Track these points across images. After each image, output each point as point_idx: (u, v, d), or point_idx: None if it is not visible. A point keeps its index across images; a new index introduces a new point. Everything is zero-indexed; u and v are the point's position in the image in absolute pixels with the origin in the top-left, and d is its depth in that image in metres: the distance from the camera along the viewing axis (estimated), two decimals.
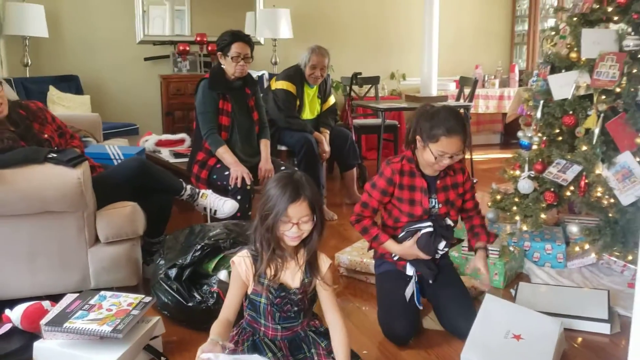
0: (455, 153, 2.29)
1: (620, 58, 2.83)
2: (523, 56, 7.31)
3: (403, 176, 2.40)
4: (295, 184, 1.78)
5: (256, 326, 1.91)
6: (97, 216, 2.60)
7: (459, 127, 2.27)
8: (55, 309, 2.28)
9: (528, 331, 2.20)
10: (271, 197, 1.78)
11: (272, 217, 1.76)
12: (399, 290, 2.40)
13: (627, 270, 2.98)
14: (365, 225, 2.44)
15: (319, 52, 4.16)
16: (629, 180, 2.77)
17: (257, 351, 1.87)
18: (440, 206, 2.43)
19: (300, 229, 1.78)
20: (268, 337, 1.89)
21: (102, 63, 5.75)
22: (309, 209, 1.78)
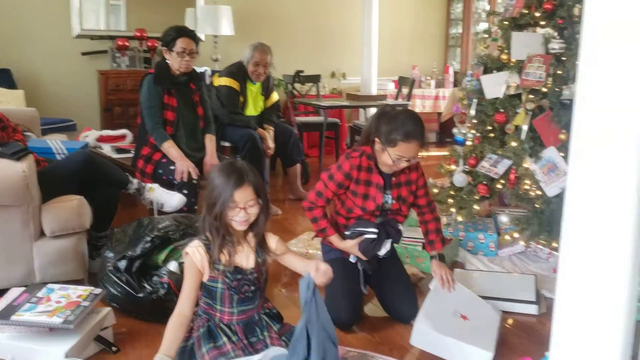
0: (412, 157, 2.39)
1: (547, 60, 3.05)
2: (457, 58, 7.59)
3: (360, 171, 2.46)
4: (238, 170, 1.88)
5: (212, 312, 1.97)
6: (43, 210, 2.59)
7: (418, 132, 2.35)
8: (1, 302, 2.26)
9: (474, 314, 2.36)
10: (217, 186, 1.87)
11: (219, 204, 1.85)
12: (345, 276, 2.50)
13: (552, 257, 3.20)
14: (316, 216, 2.51)
15: (261, 49, 4.23)
16: (553, 173, 2.98)
17: (212, 337, 1.93)
18: (393, 202, 2.52)
19: (247, 213, 1.88)
20: (223, 322, 1.95)
21: (36, 57, 5.60)
22: (253, 193, 1.88)
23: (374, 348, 2.30)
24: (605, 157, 1.31)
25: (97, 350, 2.24)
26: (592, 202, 1.34)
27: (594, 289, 1.37)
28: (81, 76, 5.79)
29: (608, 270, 1.35)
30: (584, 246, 1.37)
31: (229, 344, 1.91)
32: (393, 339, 2.40)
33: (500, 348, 2.31)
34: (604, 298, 1.36)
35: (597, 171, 1.32)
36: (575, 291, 1.40)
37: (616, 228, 1.32)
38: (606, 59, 1.28)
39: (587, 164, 1.34)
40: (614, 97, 1.28)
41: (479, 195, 3.25)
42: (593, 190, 1.34)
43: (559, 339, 1.46)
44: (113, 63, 5.73)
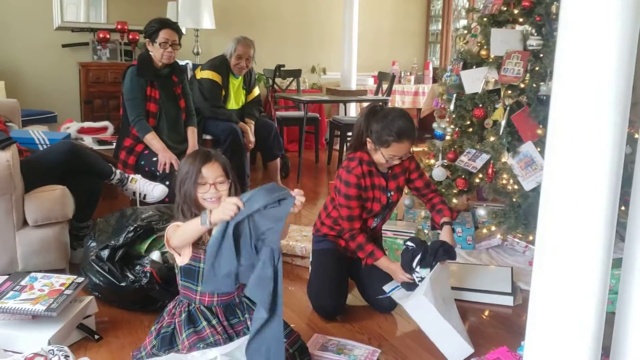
0: (405, 155, 2.45)
1: (525, 56, 3.11)
2: (437, 54, 7.67)
3: (365, 178, 2.49)
4: (205, 151, 1.98)
5: (192, 296, 1.98)
6: (26, 199, 2.58)
7: (409, 131, 2.39)
8: None
9: (446, 297, 2.40)
10: (185, 167, 1.95)
11: (188, 182, 1.91)
12: (333, 266, 2.56)
13: (528, 250, 3.27)
14: (360, 242, 2.50)
15: (244, 42, 4.25)
16: (530, 168, 3.05)
17: (192, 322, 1.95)
18: (392, 194, 2.58)
19: (217, 190, 1.92)
20: (204, 304, 1.97)
21: (17, 48, 5.54)
22: (221, 169, 1.94)
23: (353, 337, 2.34)
24: (580, 153, 1.36)
25: (79, 338, 2.26)
26: (567, 196, 1.39)
27: (568, 281, 1.42)
28: (62, 68, 5.75)
29: (582, 263, 1.40)
30: (559, 239, 1.42)
31: (208, 328, 1.93)
32: (372, 329, 2.45)
33: (477, 338, 2.38)
34: (578, 290, 1.41)
35: (572, 166, 1.37)
36: (550, 283, 1.46)
37: (590, 221, 1.37)
38: (581, 56, 1.33)
39: (562, 159, 1.39)
40: (589, 93, 1.33)
41: (457, 189, 3.31)
42: (568, 184, 1.39)
43: (534, 329, 1.51)
44: (94, 55, 5.70)
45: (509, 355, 2.06)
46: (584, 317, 1.42)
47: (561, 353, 1.46)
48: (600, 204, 1.37)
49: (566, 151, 1.38)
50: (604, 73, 1.31)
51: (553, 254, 1.45)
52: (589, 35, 1.31)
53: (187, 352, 1.87)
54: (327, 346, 2.23)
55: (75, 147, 2.78)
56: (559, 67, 1.39)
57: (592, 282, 1.41)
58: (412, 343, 2.34)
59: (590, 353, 1.44)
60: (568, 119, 1.37)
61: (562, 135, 1.39)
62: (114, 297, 2.49)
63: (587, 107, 1.34)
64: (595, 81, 1.32)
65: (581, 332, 1.43)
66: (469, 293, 2.74)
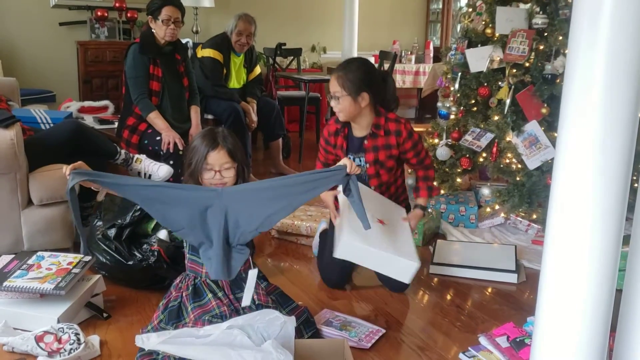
0: (334, 93, 2.46)
1: (530, 35, 3.10)
2: (437, 33, 7.63)
3: (333, 136, 2.60)
4: (213, 134, 1.97)
5: (198, 269, 2.00)
6: (31, 178, 2.58)
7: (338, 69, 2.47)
8: None
9: (387, 216, 2.42)
10: (194, 147, 1.96)
11: (194, 164, 1.94)
12: None
13: (530, 229, 3.28)
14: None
15: (245, 19, 4.21)
16: (535, 147, 3.05)
17: (198, 295, 1.97)
18: (367, 166, 2.57)
19: (222, 176, 1.94)
20: (210, 278, 1.97)
21: (12, 26, 5.49)
22: (228, 156, 1.94)
23: (360, 314, 2.36)
24: (592, 131, 1.35)
25: (88, 316, 2.26)
26: (578, 174, 1.39)
27: (578, 259, 1.42)
28: (59, 47, 5.70)
29: (592, 241, 1.40)
30: (570, 217, 1.42)
31: (213, 300, 1.95)
32: (378, 307, 2.46)
33: (482, 314, 2.40)
34: (588, 268, 1.42)
35: (583, 145, 1.37)
36: (560, 261, 1.46)
37: (602, 198, 1.38)
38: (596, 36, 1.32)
39: (574, 138, 1.39)
40: (603, 73, 1.33)
41: (461, 168, 3.31)
42: (580, 163, 1.39)
43: (544, 306, 1.52)
44: (92, 34, 5.65)
45: (516, 330, 2.08)
46: (593, 295, 1.43)
47: (570, 329, 1.47)
48: (612, 182, 1.37)
49: (578, 130, 1.38)
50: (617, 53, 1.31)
51: (564, 232, 1.45)
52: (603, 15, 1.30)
53: (192, 324, 1.88)
54: (332, 321, 2.24)
55: (81, 127, 2.77)
56: (572, 46, 1.38)
57: (601, 260, 1.42)
58: (420, 322, 2.36)
59: (599, 330, 1.46)
60: (580, 97, 1.37)
61: (574, 114, 1.39)
62: (121, 276, 2.49)
63: (600, 84, 1.33)
64: (609, 61, 1.32)
65: (590, 310, 1.44)
66: (473, 270, 2.76)
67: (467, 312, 2.44)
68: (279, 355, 1.67)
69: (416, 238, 3.15)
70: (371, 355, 2.07)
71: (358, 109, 2.48)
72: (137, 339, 1.68)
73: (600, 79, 1.33)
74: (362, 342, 2.11)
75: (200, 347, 1.65)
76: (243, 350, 1.67)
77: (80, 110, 4.23)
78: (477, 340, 2.12)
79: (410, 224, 2.54)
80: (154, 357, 1.85)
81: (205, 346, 1.65)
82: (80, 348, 1.95)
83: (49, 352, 1.94)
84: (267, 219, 1.89)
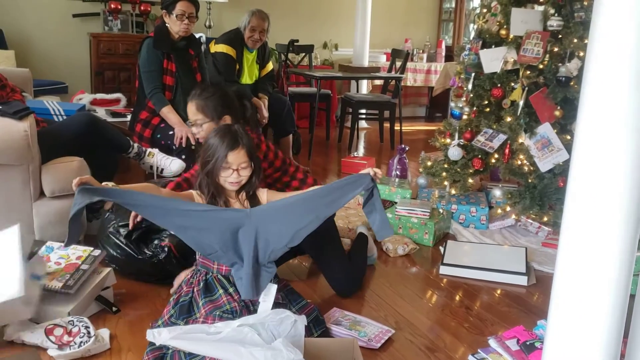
0: (195, 120, 2.37)
1: (544, 37, 3.08)
2: (449, 32, 7.60)
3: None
4: (233, 133, 1.97)
5: (210, 265, 2.01)
6: (43, 170, 2.58)
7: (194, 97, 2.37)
8: None
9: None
10: (211, 146, 1.96)
11: (212, 163, 1.94)
12: None
13: (541, 231, 3.27)
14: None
15: (259, 15, 4.21)
16: (547, 149, 3.04)
17: (209, 290, 1.98)
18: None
19: (239, 175, 1.96)
20: (222, 273, 2.00)
21: (27, 17, 5.52)
22: (246, 156, 1.96)
23: (368, 314, 2.35)
24: (610, 135, 1.35)
25: (97, 309, 2.27)
26: (594, 176, 1.39)
27: (592, 264, 1.41)
28: (72, 38, 5.72)
29: (606, 246, 1.39)
30: (584, 221, 1.41)
31: (224, 295, 1.96)
32: (388, 307, 2.46)
33: (491, 316, 2.39)
34: (602, 272, 1.41)
35: (601, 148, 1.36)
36: (574, 266, 1.45)
37: (617, 202, 1.37)
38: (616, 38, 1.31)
39: (590, 142, 1.38)
40: (618, 71, 1.32)
41: (473, 168, 3.30)
42: (595, 166, 1.38)
43: (557, 311, 1.51)
44: (105, 26, 5.67)
45: (526, 333, 2.08)
46: (607, 299, 1.42)
47: (583, 334, 1.46)
48: (627, 186, 1.36)
49: (593, 133, 1.38)
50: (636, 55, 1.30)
51: (578, 236, 1.44)
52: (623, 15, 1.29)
53: (203, 320, 1.89)
54: (342, 321, 2.24)
55: (95, 119, 2.78)
56: (592, 47, 1.37)
57: (616, 265, 1.41)
58: (429, 323, 2.36)
59: (613, 335, 1.45)
60: (596, 98, 1.36)
61: (590, 116, 1.38)
62: (132, 270, 2.50)
63: (615, 85, 1.33)
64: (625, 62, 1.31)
65: (604, 315, 1.43)
66: (483, 272, 2.75)
67: (476, 313, 2.44)
68: (288, 353, 1.67)
69: (427, 238, 3.14)
70: (380, 355, 2.07)
71: None
72: (149, 334, 1.68)
73: (619, 81, 1.32)
74: (371, 342, 2.11)
75: (211, 343, 1.65)
76: (253, 348, 1.67)
77: (93, 103, 4.25)
78: (486, 343, 2.12)
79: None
80: (163, 352, 1.86)
81: (216, 342, 1.66)
82: (90, 341, 1.96)
83: (59, 345, 1.95)
84: (296, 234, 1.91)
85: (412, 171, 4.29)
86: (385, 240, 3.05)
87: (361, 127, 6.39)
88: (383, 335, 2.17)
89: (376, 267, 2.86)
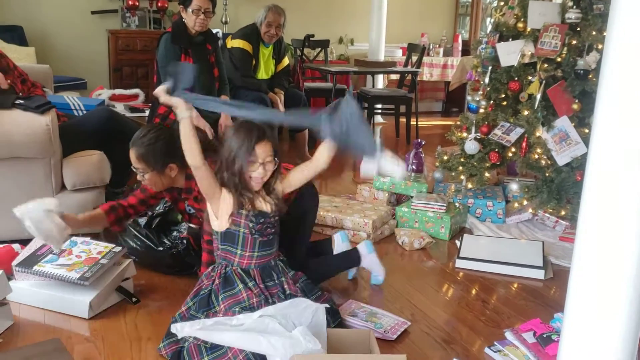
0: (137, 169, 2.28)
1: (562, 29, 3.06)
2: (466, 27, 7.56)
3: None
4: (259, 126, 1.92)
5: (231, 258, 2.01)
6: (64, 164, 2.63)
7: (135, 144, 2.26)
8: (25, 251, 2.33)
9: None
10: (237, 141, 1.90)
11: (240, 158, 1.89)
12: None
13: (558, 225, 3.26)
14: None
15: (275, 10, 4.23)
16: (565, 143, 3.02)
17: (229, 284, 1.98)
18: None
19: (265, 170, 1.93)
20: (242, 266, 2.00)
21: (47, 14, 5.59)
22: (272, 149, 1.93)
23: (385, 307, 2.37)
24: (628, 128, 1.34)
25: (118, 300, 2.30)
26: (611, 170, 1.38)
27: (610, 258, 1.41)
28: (91, 35, 5.79)
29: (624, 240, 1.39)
30: (603, 214, 1.41)
31: (244, 291, 1.96)
32: (404, 299, 2.47)
33: (508, 310, 2.40)
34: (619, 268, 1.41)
35: (619, 141, 1.36)
36: (592, 260, 1.45)
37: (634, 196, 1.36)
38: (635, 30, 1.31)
39: (608, 139, 1.38)
40: None
41: (490, 162, 3.29)
42: (614, 158, 1.37)
43: (574, 304, 1.51)
44: (123, 23, 5.72)
45: (542, 326, 2.08)
46: (624, 293, 1.42)
47: (601, 327, 1.46)
48: None
49: (611, 126, 1.37)
50: None
51: (595, 230, 1.44)
52: None
53: (223, 314, 1.91)
54: (358, 312, 2.26)
55: (114, 114, 2.82)
56: (610, 39, 1.36)
57: (634, 259, 1.40)
58: (446, 315, 2.37)
59: (631, 329, 1.45)
60: (614, 91, 1.36)
61: (608, 109, 1.38)
62: (151, 261, 2.53)
63: (634, 77, 1.32)
64: None
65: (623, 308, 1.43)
66: (499, 266, 2.75)
67: (493, 306, 2.44)
68: (307, 343, 1.70)
69: (443, 232, 3.15)
70: (397, 347, 2.08)
71: (169, 179, 2.29)
72: (172, 328, 1.71)
73: (638, 73, 1.32)
74: (387, 333, 2.13)
75: (233, 333, 1.69)
76: (273, 337, 1.70)
77: (112, 98, 4.30)
78: (503, 335, 2.12)
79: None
80: (180, 345, 1.88)
81: (238, 333, 1.69)
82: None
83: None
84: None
85: (428, 166, 4.28)
86: (401, 234, 3.06)
87: (377, 122, 6.39)
88: (399, 327, 2.18)
89: (392, 260, 2.87)
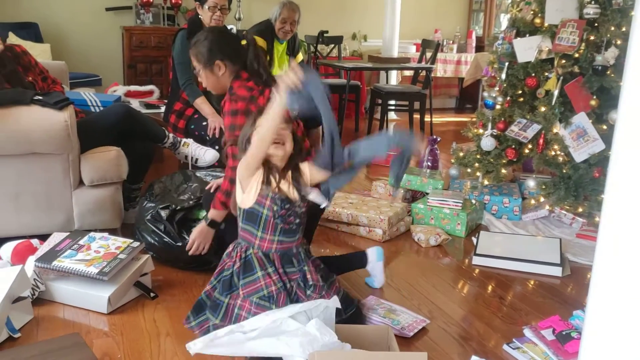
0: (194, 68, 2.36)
1: (580, 25, 3.03)
2: (480, 23, 7.51)
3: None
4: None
5: (251, 239, 1.95)
6: (82, 160, 2.64)
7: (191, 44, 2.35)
8: (44, 246, 2.35)
9: None
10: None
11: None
12: None
13: (575, 222, 3.24)
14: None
15: (289, 6, 4.23)
16: (582, 139, 3.00)
17: (249, 269, 1.93)
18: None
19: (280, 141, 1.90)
20: (262, 249, 1.94)
21: (62, 11, 5.62)
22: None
23: (402, 303, 2.36)
24: None
25: (136, 295, 2.32)
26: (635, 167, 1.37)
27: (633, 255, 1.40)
28: (105, 32, 5.81)
29: None
30: (625, 212, 1.40)
31: (262, 278, 1.90)
32: (422, 296, 2.47)
33: (526, 307, 2.39)
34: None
35: None
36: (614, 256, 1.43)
37: None
38: None
39: (633, 131, 1.36)
40: None
41: (506, 159, 3.27)
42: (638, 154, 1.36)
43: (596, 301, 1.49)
44: (137, 19, 5.74)
45: (562, 323, 2.06)
46: None
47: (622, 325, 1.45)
48: None
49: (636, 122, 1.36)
50: None
51: (618, 228, 1.42)
52: None
53: (241, 302, 1.89)
54: (377, 308, 2.26)
55: (131, 110, 2.83)
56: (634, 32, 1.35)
57: None
58: (463, 312, 2.36)
59: None
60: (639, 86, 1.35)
61: (632, 104, 1.36)
62: (169, 257, 2.54)
63: None
64: None
65: None
66: (516, 262, 2.74)
67: (510, 303, 2.43)
68: (323, 337, 1.69)
69: (459, 229, 3.13)
70: (414, 344, 2.08)
71: (216, 79, 2.32)
72: (186, 346, 1.72)
73: None
74: (404, 330, 2.12)
75: (248, 344, 1.69)
76: (288, 338, 1.69)
77: (127, 94, 4.32)
78: (521, 332, 2.12)
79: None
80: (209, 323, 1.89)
81: (252, 342, 1.69)
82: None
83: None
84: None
85: (443, 162, 4.27)
86: (417, 231, 3.06)
87: (390, 119, 6.37)
88: (417, 324, 2.18)
89: (408, 257, 2.87)
